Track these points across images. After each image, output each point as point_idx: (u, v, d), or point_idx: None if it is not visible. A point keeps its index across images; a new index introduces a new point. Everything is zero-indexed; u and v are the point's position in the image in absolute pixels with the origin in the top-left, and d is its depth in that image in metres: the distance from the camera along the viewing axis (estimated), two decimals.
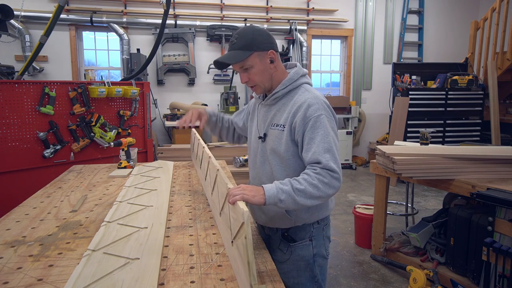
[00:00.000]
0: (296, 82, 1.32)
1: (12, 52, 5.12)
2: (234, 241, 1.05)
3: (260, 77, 1.29)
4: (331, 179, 1.15)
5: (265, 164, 1.37)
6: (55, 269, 1.07)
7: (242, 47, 1.25)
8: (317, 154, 1.17)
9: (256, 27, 1.30)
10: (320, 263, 1.39)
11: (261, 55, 1.27)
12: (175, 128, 5.10)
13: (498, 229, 2.12)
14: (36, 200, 1.74)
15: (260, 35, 1.27)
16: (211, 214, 1.56)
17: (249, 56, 1.25)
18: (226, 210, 1.20)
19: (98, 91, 3.26)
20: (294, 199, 1.12)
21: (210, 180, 1.65)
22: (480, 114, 5.45)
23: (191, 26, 5.68)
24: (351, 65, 6.66)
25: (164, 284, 1.00)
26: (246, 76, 1.30)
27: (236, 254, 1.03)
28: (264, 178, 1.38)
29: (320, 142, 1.19)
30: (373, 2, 6.56)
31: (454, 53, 6.80)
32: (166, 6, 3.51)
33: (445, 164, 2.34)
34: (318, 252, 1.38)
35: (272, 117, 1.34)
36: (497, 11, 5.25)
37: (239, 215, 0.95)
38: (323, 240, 1.40)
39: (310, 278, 1.38)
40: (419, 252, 2.75)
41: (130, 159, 2.41)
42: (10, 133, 2.90)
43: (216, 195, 1.44)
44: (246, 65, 1.27)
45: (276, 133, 1.31)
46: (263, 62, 1.28)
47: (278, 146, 1.29)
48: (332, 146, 1.19)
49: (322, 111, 1.22)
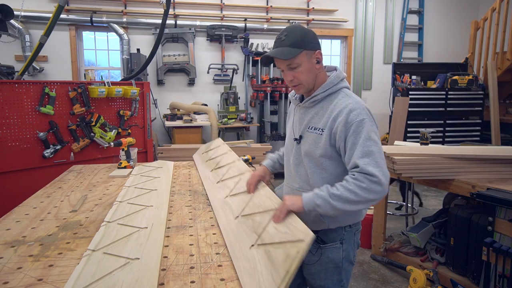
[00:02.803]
0: (336, 86, 1.31)
1: (12, 52, 5.11)
2: (266, 246, 1.09)
3: (306, 76, 1.28)
4: (369, 184, 1.14)
5: (299, 166, 1.36)
6: (55, 269, 1.07)
7: (292, 44, 1.23)
8: (356, 158, 1.18)
9: (303, 26, 1.30)
10: (347, 267, 1.38)
11: (309, 54, 1.26)
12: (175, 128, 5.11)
13: (498, 229, 2.12)
14: (36, 200, 1.74)
15: (309, 34, 1.26)
16: (211, 214, 1.56)
17: (299, 54, 1.23)
18: (251, 214, 1.30)
19: (98, 91, 3.26)
20: (330, 204, 1.14)
21: (229, 186, 1.71)
22: (480, 114, 5.45)
23: (191, 26, 5.68)
24: (351, 65, 6.66)
25: (164, 284, 1.00)
26: (291, 75, 1.28)
27: (261, 258, 1.04)
28: (298, 180, 1.37)
29: (360, 146, 1.18)
30: (373, 2, 6.56)
31: (454, 53, 6.80)
32: (166, 6, 3.51)
33: (445, 164, 2.34)
34: (346, 256, 1.36)
35: (310, 120, 1.33)
36: (497, 11, 5.24)
37: (299, 232, 1.04)
38: (353, 244, 1.38)
39: (337, 281, 1.37)
40: (419, 252, 2.75)
41: (130, 159, 2.41)
42: (10, 133, 2.90)
43: (236, 199, 1.52)
44: (294, 63, 1.25)
45: (313, 136, 1.30)
46: (310, 62, 1.27)
47: (314, 149, 1.28)
48: (373, 150, 1.18)
49: (364, 116, 1.21)
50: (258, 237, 1.15)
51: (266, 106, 5.78)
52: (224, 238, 1.29)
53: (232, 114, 5.58)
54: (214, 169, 2.12)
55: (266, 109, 5.80)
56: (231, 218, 1.41)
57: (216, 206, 1.62)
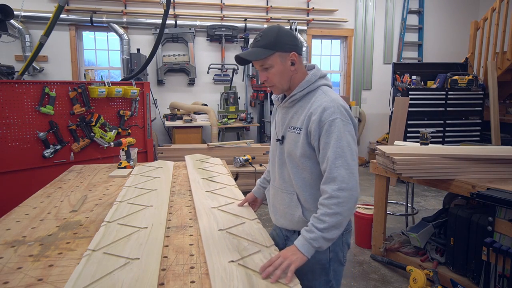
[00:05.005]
0: (314, 84, 1.30)
1: (12, 52, 5.12)
2: (247, 270, 1.08)
3: (278, 77, 1.28)
4: (344, 195, 1.16)
5: (283, 167, 1.36)
6: (55, 269, 1.07)
7: (265, 45, 1.23)
8: (331, 164, 1.18)
9: (282, 27, 1.29)
10: (336, 268, 1.38)
11: (282, 56, 1.25)
12: (175, 128, 5.11)
13: (498, 229, 2.11)
14: (36, 200, 1.74)
15: (285, 35, 1.25)
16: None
17: (270, 55, 1.24)
18: (239, 236, 1.30)
19: (98, 91, 3.26)
20: (326, 239, 1.17)
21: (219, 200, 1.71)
22: (480, 114, 5.45)
23: (191, 26, 5.68)
24: (351, 65, 6.66)
25: (164, 284, 1.00)
26: (265, 75, 1.29)
27: (240, 276, 1.03)
28: (282, 181, 1.37)
29: (333, 147, 1.18)
30: (373, 2, 6.56)
31: (454, 53, 6.80)
32: (166, 6, 3.51)
33: (445, 164, 2.34)
34: (334, 257, 1.36)
35: (290, 120, 1.33)
36: (497, 11, 5.24)
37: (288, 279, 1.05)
38: (341, 245, 1.38)
39: (325, 282, 1.36)
40: (419, 252, 2.75)
41: (130, 159, 2.41)
42: (10, 133, 2.90)
43: (224, 216, 1.51)
44: (266, 64, 1.26)
45: (293, 136, 1.30)
46: (284, 63, 1.26)
47: (294, 149, 1.29)
48: (345, 150, 1.18)
49: (338, 115, 1.20)
50: (241, 258, 1.13)
51: (266, 106, 5.78)
52: (202, 242, 1.26)
53: (232, 114, 5.58)
54: (205, 178, 2.10)
55: (266, 109, 5.80)
56: (214, 227, 1.39)
57: (200, 209, 1.59)
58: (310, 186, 1.29)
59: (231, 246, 1.22)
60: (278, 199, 1.39)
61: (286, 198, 1.35)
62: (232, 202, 1.68)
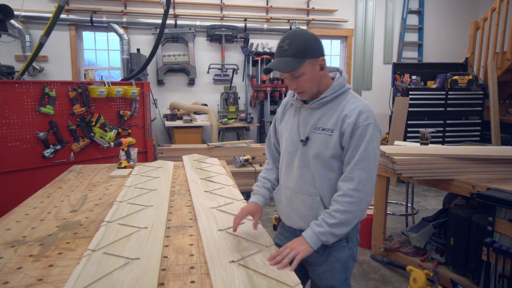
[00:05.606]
0: (344, 87, 1.32)
1: (12, 52, 5.11)
2: (248, 270, 1.08)
3: (309, 84, 1.26)
4: (359, 195, 1.20)
5: (304, 168, 1.33)
6: (55, 269, 1.07)
7: (294, 54, 1.20)
8: (353, 164, 1.22)
9: (307, 31, 1.27)
10: (351, 265, 1.39)
11: (312, 62, 1.23)
12: (175, 128, 5.11)
13: (498, 229, 2.11)
14: (36, 200, 1.74)
15: (312, 41, 1.23)
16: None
17: (302, 64, 1.21)
18: (238, 237, 1.32)
19: (98, 91, 3.26)
20: (334, 234, 1.22)
21: (217, 200, 1.71)
22: (480, 114, 5.45)
23: (191, 26, 5.68)
24: (351, 65, 6.66)
25: (164, 284, 1.00)
26: (295, 84, 1.26)
27: (241, 276, 1.04)
28: (302, 182, 1.34)
29: (360, 150, 1.22)
30: (373, 2, 6.56)
31: (454, 53, 6.80)
32: (166, 6, 3.51)
33: (445, 164, 2.34)
34: (351, 254, 1.37)
35: (317, 121, 1.31)
36: (497, 11, 5.24)
37: (287, 277, 1.05)
38: (355, 242, 1.40)
39: (343, 280, 1.37)
40: (419, 252, 2.75)
41: (130, 159, 2.41)
42: (10, 133, 2.90)
43: (224, 216, 1.52)
44: (297, 72, 1.23)
45: (322, 137, 1.28)
46: (313, 69, 1.24)
47: (324, 150, 1.27)
48: (370, 155, 1.22)
49: (371, 120, 1.23)
50: (242, 259, 1.14)
51: (266, 106, 5.78)
52: (202, 242, 1.27)
53: (232, 114, 5.58)
54: (203, 178, 2.11)
55: (266, 109, 5.80)
56: (214, 227, 1.39)
57: (199, 209, 1.59)
58: (335, 187, 1.29)
59: (231, 246, 1.23)
60: (297, 201, 1.35)
61: (308, 200, 1.32)
62: (231, 202, 1.69)
